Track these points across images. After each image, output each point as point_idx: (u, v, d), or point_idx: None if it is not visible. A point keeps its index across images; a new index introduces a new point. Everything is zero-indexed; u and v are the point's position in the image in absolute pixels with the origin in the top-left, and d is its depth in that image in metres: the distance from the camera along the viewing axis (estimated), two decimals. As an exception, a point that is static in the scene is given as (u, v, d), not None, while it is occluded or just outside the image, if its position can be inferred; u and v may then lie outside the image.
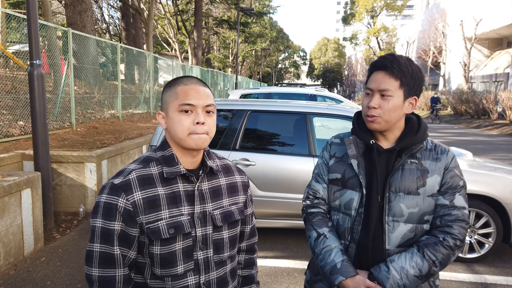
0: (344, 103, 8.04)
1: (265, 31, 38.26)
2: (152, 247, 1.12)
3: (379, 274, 1.28)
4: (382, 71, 1.31)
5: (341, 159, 1.44)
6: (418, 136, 1.34)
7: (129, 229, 1.11)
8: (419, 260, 1.27)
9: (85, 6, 10.24)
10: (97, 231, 1.11)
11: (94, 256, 1.11)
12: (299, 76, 79.55)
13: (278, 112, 4.04)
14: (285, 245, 4.08)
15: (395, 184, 1.32)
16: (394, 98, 1.30)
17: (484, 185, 3.63)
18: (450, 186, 1.34)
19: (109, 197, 1.10)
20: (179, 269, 1.14)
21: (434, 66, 36.88)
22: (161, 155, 1.17)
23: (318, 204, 1.48)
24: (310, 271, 1.56)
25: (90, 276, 1.12)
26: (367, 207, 1.35)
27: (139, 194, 1.10)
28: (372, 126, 1.34)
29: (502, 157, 9.71)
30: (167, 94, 1.17)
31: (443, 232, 1.30)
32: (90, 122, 8.20)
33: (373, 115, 1.31)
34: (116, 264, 1.10)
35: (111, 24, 32.30)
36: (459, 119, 22.23)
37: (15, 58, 6.84)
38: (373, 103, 1.30)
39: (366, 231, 1.34)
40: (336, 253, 1.34)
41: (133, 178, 1.12)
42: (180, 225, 1.12)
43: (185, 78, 1.18)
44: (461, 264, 3.70)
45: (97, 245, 1.11)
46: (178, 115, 1.12)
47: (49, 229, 4.30)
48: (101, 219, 1.10)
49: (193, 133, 1.12)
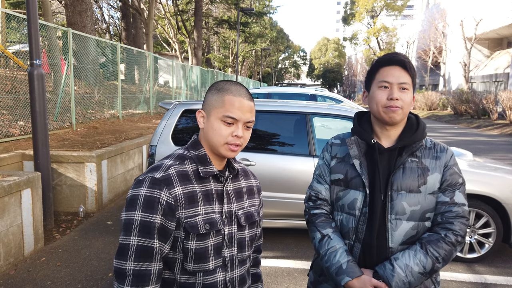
0: (344, 103, 8.04)
1: (265, 31, 38.26)
2: (187, 242, 1.14)
3: (384, 273, 1.30)
4: (398, 66, 1.35)
5: (342, 160, 1.46)
6: (417, 134, 1.38)
7: (168, 223, 1.12)
8: (423, 257, 1.29)
9: (85, 6, 10.24)
10: (135, 224, 1.09)
11: (130, 249, 1.08)
12: (299, 76, 79.54)
13: (278, 112, 4.04)
14: (285, 245, 4.07)
15: (397, 183, 1.34)
16: (410, 92, 1.36)
17: (484, 185, 3.63)
18: (450, 183, 1.36)
19: (150, 190, 1.10)
20: (211, 265, 1.17)
21: (434, 66, 36.88)
22: (195, 154, 1.21)
23: (320, 205, 1.49)
24: (313, 272, 1.56)
25: (124, 269, 1.08)
26: (371, 206, 1.36)
27: (179, 189, 1.13)
28: (393, 117, 1.35)
29: (502, 157, 9.71)
30: (214, 97, 1.19)
31: (445, 228, 1.32)
32: (90, 122, 8.20)
33: (397, 106, 1.33)
34: (153, 258, 1.10)
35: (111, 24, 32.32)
36: (459, 119, 22.22)
37: (15, 58, 6.84)
38: (396, 95, 1.33)
39: (370, 230, 1.36)
40: (341, 253, 1.35)
41: (172, 173, 1.15)
42: (214, 221, 1.16)
43: (234, 86, 1.19)
44: (461, 264, 3.70)
45: (135, 238, 1.09)
46: (219, 124, 1.16)
47: (49, 229, 4.30)
48: (140, 212, 1.09)
49: (229, 144, 1.16)
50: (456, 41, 31.28)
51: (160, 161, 1.21)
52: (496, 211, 3.67)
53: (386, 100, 1.34)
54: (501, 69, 26.37)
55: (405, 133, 1.40)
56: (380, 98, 1.36)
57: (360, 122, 1.47)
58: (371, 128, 1.44)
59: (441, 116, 24.87)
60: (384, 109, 1.35)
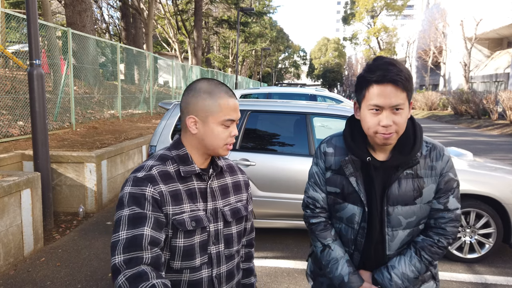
0: (344, 103, 8.03)
1: (265, 31, 38.23)
2: (175, 240, 1.16)
3: (382, 281, 1.37)
4: (389, 85, 1.21)
5: (337, 172, 1.41)
6: (415, 149, 1.32)
7: (159, 215, 1.11)
8: (417, 263, 1.36)
9: (85, 6, 10.23)
10: (124, 219, 1.08)
11: (119, 244, 1.05)
12: (299, 76, 79.52)
13: (278, 112, 4.04)
14: (285, 245, 4.07)
15: (393, 197, 1.34)
16: (405, 110, 1.25)
17: (485, 185, 3.62)
18: (445, 190, 1.37)
19: (135, 188, 1.12)
20: (197, 262, 1.19)
21: (435, 66, 36.86)
22: (176, 154, 1.22)
23: (319, 213, 1.48)
24: (312, 262, 1.60)
25: (115, 264, 1.04)
26: (369, 220, 1.38)
27: (164, 187, 1.15)
28: (387, 143, 1.28)
29: (502, 157, 9.70)
30: (207, 102, 1.18)
31: (438, 234, 1.37)
32: (89, 122, 8.19)
33: (390, 133, 1.24)
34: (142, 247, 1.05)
35: (111, 24, 32.29)
36: (460, 119, 22.21)
37: (14, 58, 6.83)
38: (388, 121, 1.23)
39: (368, 241, 1.40)
40: (343, 265, 1.40)
41: (155, 173, 1.16)
42: (199, 219, 1.18)
43: (221, 87, 1.21)
44: (461, 265, 3.70)
45: (123, 232, 1.06)
46: (218, 128, 1.19)
47: (48, 229, 4.30)
48: (128, 209, 1.08)
49: (227, 144, 1.22)
50: (456, 41, 31.27)
51: (142, 162, 1.23)
52: (496, 211, 3.66)
53: (377, 126, 1.25)
54: (501, 69, 26.36)
55: (401, 145, 1.32)
56: (371, 124, 1.26)
57: (353, 134, 1.38)
58: (365, 142, 1.36)
59: (441, 116, 24.86)
60: (375, 135, 1.27)
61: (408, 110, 1.28)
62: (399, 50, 47.04)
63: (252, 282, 1.46)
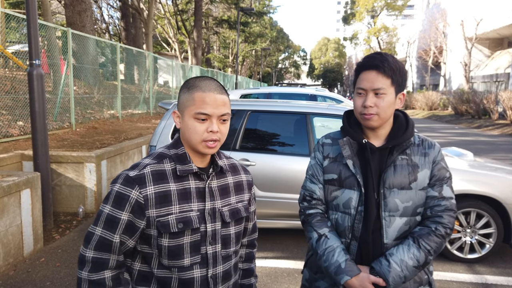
0: (344, 103, 8.03)
1: (265, 31, 38.23)
2: (160, 239, 1.17)
3: (380, 269, 1.34)
4: (373, 71, 1.34)
5: (335, 160, 1.47)
6: (407, 133, 1.41)
7: (136, 220, 1.15)
8: (416, 251, 1.34)
9: (85, 6, 10.23)
10: (103, 216, 1.16)
11: (93, 239, 1.16)
12: (299, 76, 79.50)
13: (278, 112, 4.03)
14: (285, 246, 4.06)
15: (389, 180, 1.38)
16: (387, 95, 1.35)
17: (485, 185, 3.62)
18: (438, 178, 1.41)
19: (123, 187, 1.15)
20: (186, 262, 1.19)
21: (435, 66, 36.85)
22: (175, 153, 1.22)
23: (315, 205, 1.50)
24: (308, 270, 1.58)
25: (84, 256, 1.16)
26: (365, 204, 1.39)
27: (152, 189, 1.15)
28: (369, 124, 1.38)
29: (503, 157, 9.69)
30: (184, 96, 1.19)
31: (435, 222, 1.38)
32: (89, 122, 8.19)
33: (371, 113, 1.35)
34: (111, 250, 1.15)
35: (111, 24, 32.28)
36: (460, 119, 22.21)
37: (14, 58, 6.82)
38: (369, 102, 1.34)
39: (366, 228, 1.39)
40: (339, 253, 1.38)
41: (147, 172, 1.17)
42: (188, 220, 1.17)
43: (203, 82, 1.18)
44: (461, 265, 3.69)
45: (99, 229, 1.16)
46: (193, 122, 1.16)
47: (48, 229, 4.29)
48: (110, 206, 1.15)
49: (205, 140, 1.17)
50: (457, 41, 31.27)
51: (140, 160, 1.24)
52: (497, 211, 3.66)
53: (361, 107, 1.37)
54: (502, 69, 26.35)
55: (394, 132, 1.42)
56: (357, 105, 1.40)
57: (349, 122, 1.49)
58: (361, 127, 1.45)
59: (442, 116, 24.85)
60: (360, 116, 1.39)
61: (394, 97, 1.37)
62: (400, 50, 47.04)
63: (252, 282, 1.45)
